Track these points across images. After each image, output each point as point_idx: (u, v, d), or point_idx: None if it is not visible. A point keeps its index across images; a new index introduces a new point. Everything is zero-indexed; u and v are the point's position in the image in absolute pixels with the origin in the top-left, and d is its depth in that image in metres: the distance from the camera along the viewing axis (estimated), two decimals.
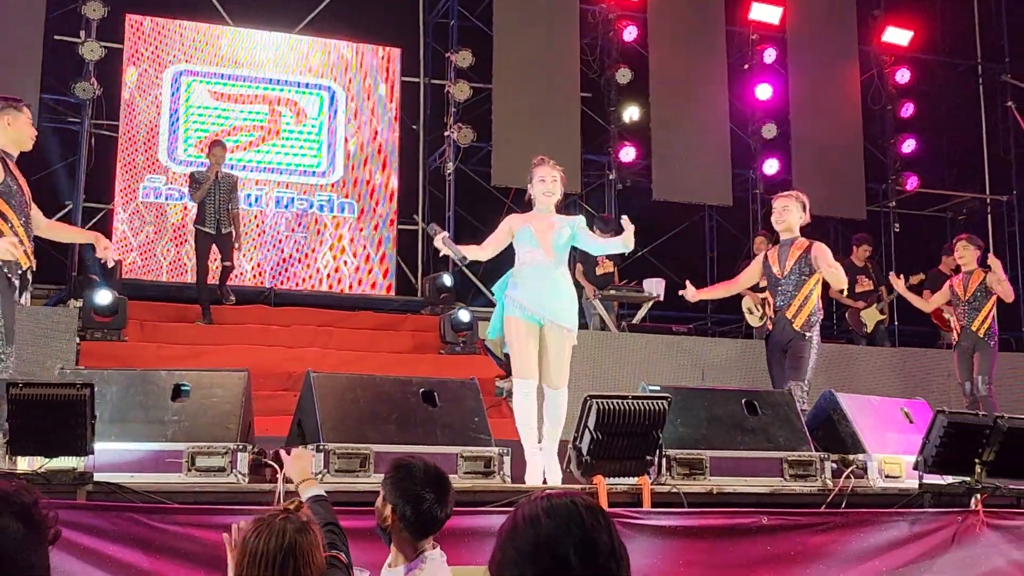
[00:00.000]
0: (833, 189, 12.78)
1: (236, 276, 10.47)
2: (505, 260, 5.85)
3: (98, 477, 4.12)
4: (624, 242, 5.51)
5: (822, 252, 6.69)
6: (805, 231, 6.98)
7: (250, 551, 2.63)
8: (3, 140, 5.39)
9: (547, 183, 5.68)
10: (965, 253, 8.51)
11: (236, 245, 9.95)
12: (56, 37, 10.84)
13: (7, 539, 1.61)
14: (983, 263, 8.56)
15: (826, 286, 6.97)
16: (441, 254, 5.74)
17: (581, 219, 5.76)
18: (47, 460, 4.09)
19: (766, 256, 6.97)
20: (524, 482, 5.04)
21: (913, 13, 14.05)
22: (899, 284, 8.87)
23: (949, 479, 5.20)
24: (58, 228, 6.39)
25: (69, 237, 6.84)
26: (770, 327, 6.81)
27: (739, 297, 11.19)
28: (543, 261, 5.53)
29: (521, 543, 1.77)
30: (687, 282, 7.13)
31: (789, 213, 6.76)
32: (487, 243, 5.75)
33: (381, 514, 3.29)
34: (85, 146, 10.85)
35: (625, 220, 5.45)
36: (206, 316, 9.75)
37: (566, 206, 13.11)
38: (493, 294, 5.95)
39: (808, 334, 6.58)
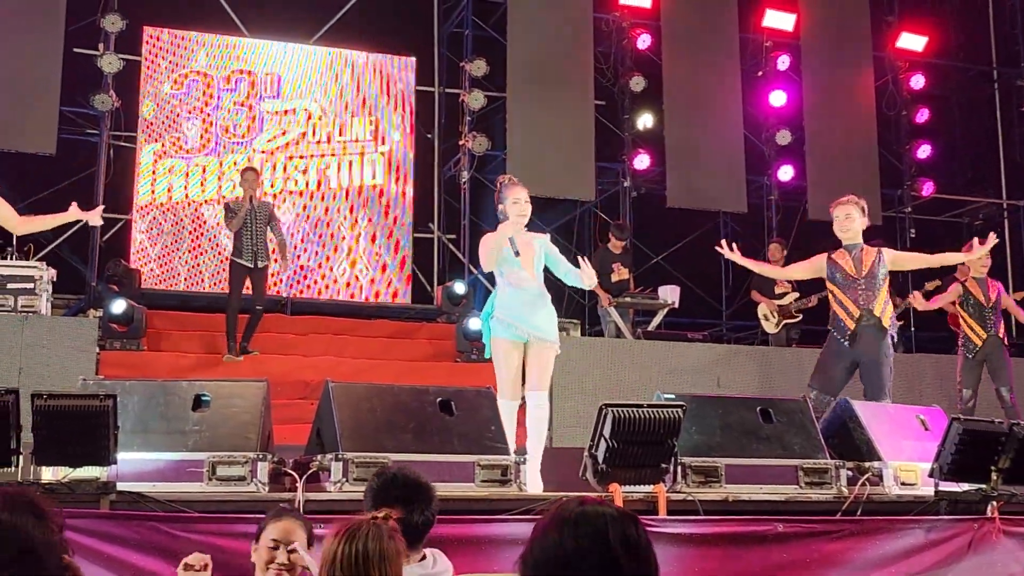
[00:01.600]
0: (848, 195, 12.75)
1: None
2: None
3: (121, 486, 4.18)
4: (585, 279, 5.82)
5: (894, 254, 7.01)
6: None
7: (332, 554, 2.64)
8: None
9: (521, 204, 5.88)
10: (988, 262, 8.62)
11: (280, 275, 9.64)
12: (75, 49, 10.93)
13: (28, 532, 1.69)
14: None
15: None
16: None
17: (547, 238, 6.00)
18: (71, 470, 4.15)
19: (831, 258, 6.94)
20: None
21: (928, 19, 14.05)
22: (920, 303, 8.89)
23: (965, 486, 5.20)
24: (35, 221, 6.12)
25: (48, 224, 6.27)
26: (852, 327, 6.73)
27: (755, 304, 11.21)
28: (528, 283, 5.82)
29: (551, 550, 1.78)
30: (733, 246, 7.34)
31: (853, 221, 6.88)
32: (488, 262, 5.89)
33: None
34: (103, 157, 10.94)
35: (582, 260, 5.83)
36: (231, 350, 9.26)
37: (580, 215, 13.19)
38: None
39: (886, 337, 6.69)
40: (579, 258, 5.90)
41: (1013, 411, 8.06)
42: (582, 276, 5.85)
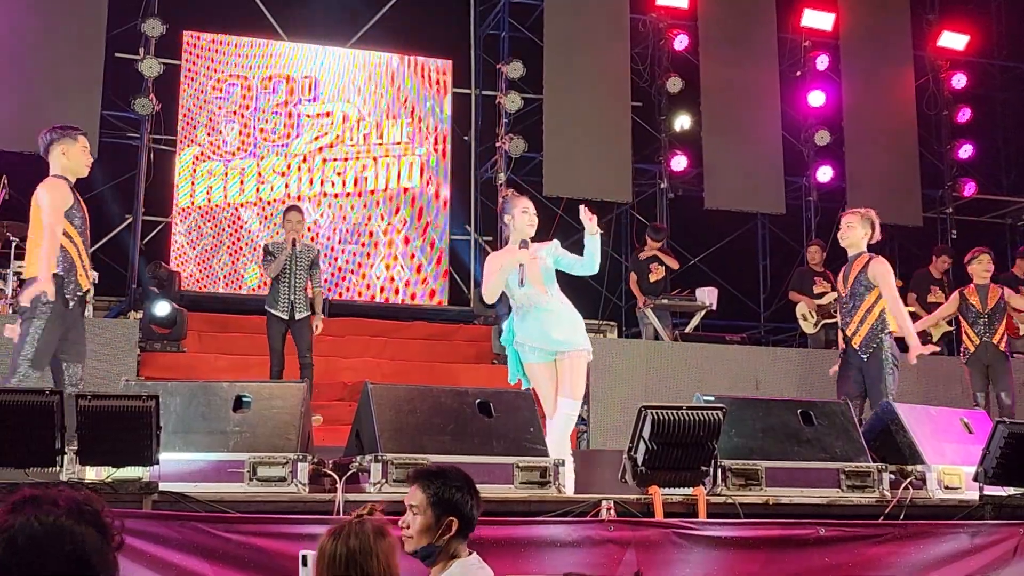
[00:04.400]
0: (888, 196, 12.64)
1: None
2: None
3: (163, 487, 4.20)
4: (589, 231, 5.63)
5: (879, 270, 6.69)
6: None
7: (326, 554, 2.69)
8: (59, 168, 5.59)
9: (530, 214, 5.84)
10: (990, 267, 8.56)
11: (316, 328, 8.33)
12: (116, 54, 11.07)
13: (87, 546, 1.69)
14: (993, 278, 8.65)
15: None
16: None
17: (555, 243, 5.88)
18: (114, 470, 4.19)
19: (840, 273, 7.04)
20: None
21: (969, 17, 13.88)
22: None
23: (1010, 491, 5.13)
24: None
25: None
26: (842, 345, 6.87)
27: (793, 305, 11.12)
28: (539, 299, 5.71)
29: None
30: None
31: (852, 230, 6.82)
32: (491, 292, 5.80)
33: (435, 529, 3.18)
34: (144, 160, 11.06)
35: (583, 209, 5.64)
36: None
37: (617, 216, 13.14)
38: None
39: (866, 355, 6.60)
40: (581, 207, 5.68)
41: (1010, 413, 7.98)
42: (586, 234, 5.65)
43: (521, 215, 5.84)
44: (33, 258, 5.54)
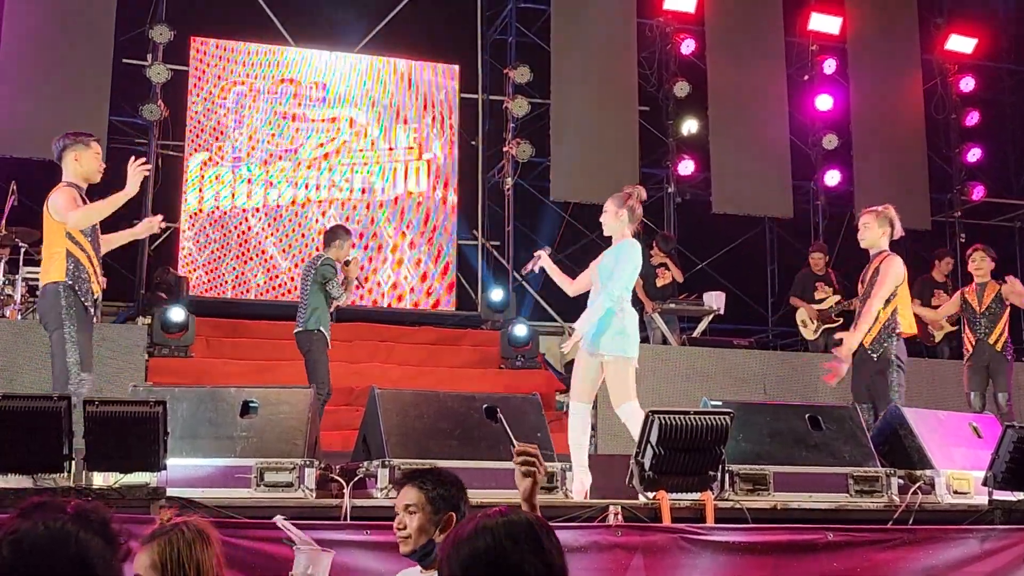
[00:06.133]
0: (896, 200, 12.36)
1: (296, 291, 10.50)
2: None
3: (171, 492, 4.21)
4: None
5: (884, 267, 6.57)
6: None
7: (145, 564, 2.60)
8: (72, 174, 5.64)
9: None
10: (983, 264, 8.34)
11: None
12: (124, 60, 11.10)
13: (91, 553, 1.70)
14: (994, 274, 8.40)
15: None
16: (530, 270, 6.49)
17: (622, 246, 6.05)
18: (122, 475, 4.20)
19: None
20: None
21: (977, 20, 13.85)
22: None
23: (1020, 495, 5.11)
24: (112, 239, 6.24)
25: (121, 240, 6.38)
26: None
27: (795, 309, 11.09)
28: (593, 293, 6.06)
29: (476, 552, 1.97)
30: None
31: (869, 230, 6.75)
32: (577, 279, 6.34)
33: (435, 526, 3.17)
34: (152, 166, 11.07)
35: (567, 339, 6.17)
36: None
37: None
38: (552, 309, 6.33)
39: (875, 354, 6.48)
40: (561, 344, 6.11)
41: (1009, 417, 7.85)
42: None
43: None
44: (48, 265, 5.57)
